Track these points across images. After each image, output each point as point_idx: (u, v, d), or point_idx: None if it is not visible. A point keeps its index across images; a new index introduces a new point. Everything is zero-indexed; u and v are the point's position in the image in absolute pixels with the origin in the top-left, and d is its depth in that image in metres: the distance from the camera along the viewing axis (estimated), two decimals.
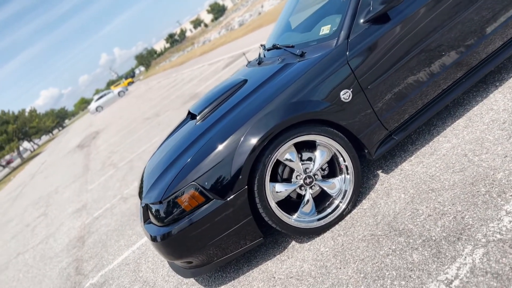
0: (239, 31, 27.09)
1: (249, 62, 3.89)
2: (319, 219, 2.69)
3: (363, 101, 2.61)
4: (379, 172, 2.92)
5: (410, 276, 1.99)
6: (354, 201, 2.70)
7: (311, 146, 2.67)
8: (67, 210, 8.27)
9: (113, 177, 8.52)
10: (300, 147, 2.65)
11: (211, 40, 38.76)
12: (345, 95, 2.58)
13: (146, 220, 2.92)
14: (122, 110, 25.32)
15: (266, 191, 2.53)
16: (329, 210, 2.70)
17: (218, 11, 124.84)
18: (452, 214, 2.18)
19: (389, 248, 2.23)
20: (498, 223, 1.97)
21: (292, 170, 2.65)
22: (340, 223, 2.68)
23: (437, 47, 2.69)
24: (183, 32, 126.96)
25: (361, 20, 2.60)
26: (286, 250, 2.77)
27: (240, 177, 2.48)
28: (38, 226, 8.55)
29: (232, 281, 2.81)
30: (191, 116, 3.49)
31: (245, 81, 3.08)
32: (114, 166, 9.61)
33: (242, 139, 2.50)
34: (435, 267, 1.95)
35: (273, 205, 2.56)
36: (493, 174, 2.25)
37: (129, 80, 64.22)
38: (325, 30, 2.79)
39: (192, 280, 3.11)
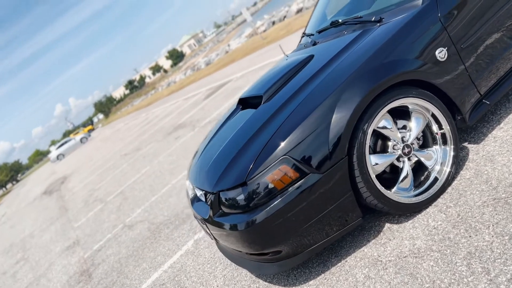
0: (207, 69, 27.16)
1: (296, 48, 3.67)
2: (416, 195, 2.41)
3: (457, 61, 2.43)
4: (466, 144, 2.71)
5: None
6: (456, 168, 2.45)
7: (404, 114, 2.43)
8: (54, 250, 7.49)
9: (104, 210, 7.88)
10: (393, 116, 2.41)
11: (176, 81, 38.68)
12: (441, 53, 2.39)
13: (215, 213, 2.53)
14: (90, 154, 24.31)
15: (367, 161, 2.25)
16: (427, 183, 2.44)
17: (177, 57, 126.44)
18: None
19: None
20: None
21: (386, 142, 2.39)
22: (443, 196, 2.41)
23: None
24: (142, 78, 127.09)
25: None
26: (381, 233, 2.45)
27: (339, 146, 2.20)
28: (19, 271, 7.67)
29: (323, 275, 2.44)
30: (242, 106, 3.19)
31: (312, 56, 2.84)
32: (101, 201, 8.95)
33: (337, 104, 2.23)
34: None
35: (373, 177, 2.27)
36: None
37: (89, 127, 62.54)
38: None
39: (264, 281, 2.71)
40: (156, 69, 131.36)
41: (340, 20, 2.99)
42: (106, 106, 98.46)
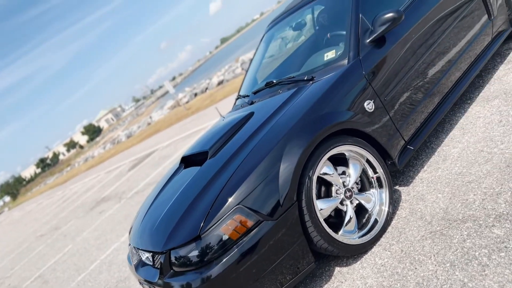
0: (129, 141, 26.63)
1: (232, 109, 3.82)
2: (361, 236, 2.55)
3: (383, 112, 2.72)
4: (397, 187, 2.95)
5: (506, 247, 1.96)
6: (393, 208, 2.65)
7: (342, 161, 2.63)
8: None
9: None
10: (333, 163, 2.59)
11: (94, 156, 37.23)
12: (369, 105, 2.67)
13: (166, 274, 2.43)
14: None
15: (315, 206, 2.36)
16: (369, 224, 2.60)
17: (93, 132, 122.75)
18: (508, 191, 2.26)
19: (461, 235, 2.19)
20: None
21: (329, 187, 2.54)
22: (384, 235, 2.57)
23: (436, 56, 3.04)
24: (56, 156, 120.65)
25: (367, 41, 2.81)
26: (333, 277, 2.52)
27: (289, 192, 2.30)
28: None
29: None
30: (184, 165, 3.21)
31: (252, 113, 3.00)
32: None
33: (283, 154, 2.37)
34: None
35: (322, 221, 2.38)
36: None
37: None
38: (330, 55, 2.94)
39: None
40: (71, 145, 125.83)
41: (274, 81, 3.23)
42: (14, 187, 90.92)
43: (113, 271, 5.17)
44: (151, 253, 2.60)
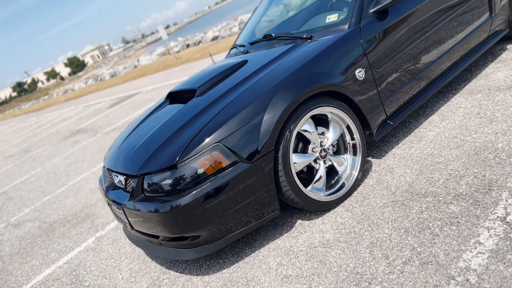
0: (112, 80, 26.14)
1: (226, 57, 3.83)
2: (328, 195, 2.67)
3: (372, 83, 2.79)
4: (370, 158, 3.07)
5: (458, 222, 2.10)
6: (362, 175, 2.78)
7: (324, 122, 2.71)
8: None
9: None
10: (315, 122, 2.67)
11: (75, 89, 36.45)
12: (360, 73, 2.73)
13: (136, 197, 2.51)
14: None
15: (290, 158, 2.45)
16: (337, 186, 2.72)
17: (77, 65, 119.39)
18: (471, 175, 2.40)
19: (420, 207, 2.33)
20: None
21: (306, 144, 2.63)
22: (349, 198, 2.70)
23: (432, 41, 3.10)
24: (34, 82, 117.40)
25: (370, 10, 2.85)
26: (294, 228, 2.65)
27: (268, 140, 2.37)
28: None
29: (236, 264, 2.54)
30: (170, 100, 3.24)
31: (245, 61, 3.03)
32: None
33: (269, 104, 2.42)
34: (480, 211, 2.11)
35: (294, 173, 2.48)
36: (492, 145, 2.58)
37: None
38: (332, 18, 2.97)
39: (175, 272, 2.72)
40: (52, 75, 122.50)
41: (273, 34, 3.25)
42: None
43: (80, 197, 5.23)
44: (124, 176, 2.67)
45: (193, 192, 2.28)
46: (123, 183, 2.69)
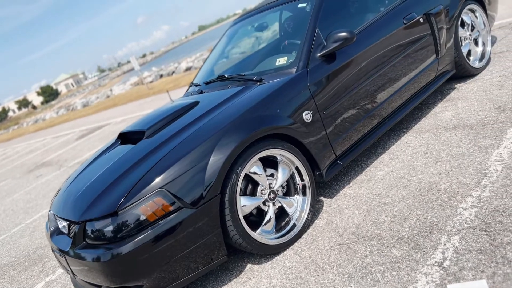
0: (84, 110, 25.82)
1: (183, 95, 3.83)
2: (277, 238, 2.65)
3: (319, 125, 2.83)
4: (321, 198, 3.08)
5: (398, 267, 2.11)
6: (312, 216, 2.77)
7: (272, 164, 2.72)
8: None
9: None
10: (264, 164, 2.67)
11: (45, 119, 35.77)
12: (307, 115, 2.77)
13: (78, 244, 2.43)
14: None
15: (237, 201, 2.44)
16: (287, 228, 2.70)
17: (50, 94, 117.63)
18: (414, 217, 2.43)
19: (365, 251, 2.33)
20: (460, 217, 2.28)
21: (255, 186, 2.63)
22: (299, 240, 2.69)
23: (381, 82, 3.18)
24: (5, 111, 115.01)
25: (317, 54, 2.92)
26: (243, 273, 2.61)
27: (214, 184, 2.36)
28: None
29: None
30: (121, 141, 3.20)
31: (197, 102, 3.04)
32: None
33: (216, 146, 2.42)
34: (420, 255, 2.12)
35: (241, 217, 2.46)
36: (436, 186, 2.63)
37: None
38: (281, 61, 3.03)
39: None
40: (24, 103, 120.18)
41: (226, 76, 3.28)
42: None
43: (35, 237, 5.04)
44: (68, 222, 2.59)
45: (135, 240, 2.23)
46: (67, 228, 2.61)
